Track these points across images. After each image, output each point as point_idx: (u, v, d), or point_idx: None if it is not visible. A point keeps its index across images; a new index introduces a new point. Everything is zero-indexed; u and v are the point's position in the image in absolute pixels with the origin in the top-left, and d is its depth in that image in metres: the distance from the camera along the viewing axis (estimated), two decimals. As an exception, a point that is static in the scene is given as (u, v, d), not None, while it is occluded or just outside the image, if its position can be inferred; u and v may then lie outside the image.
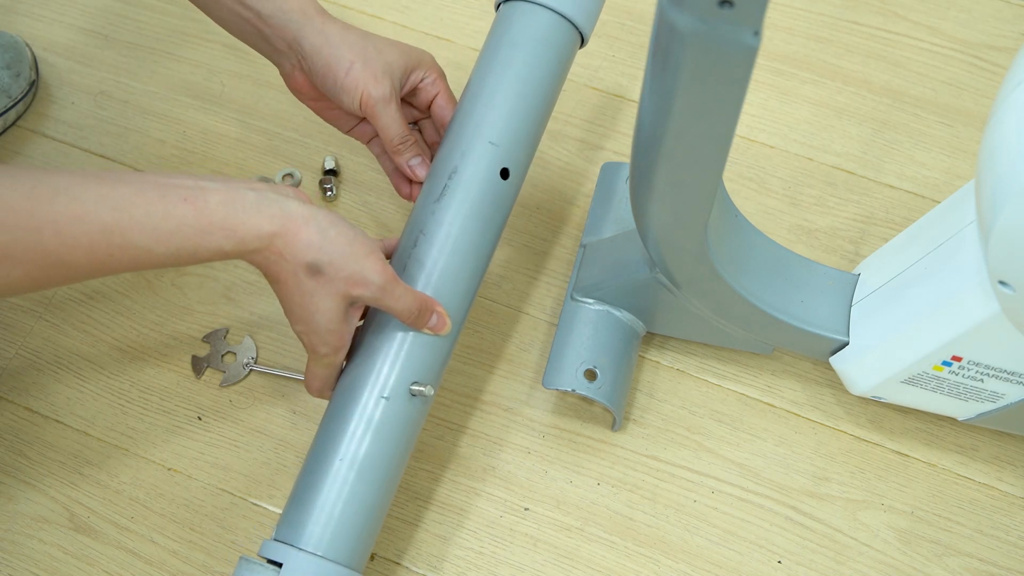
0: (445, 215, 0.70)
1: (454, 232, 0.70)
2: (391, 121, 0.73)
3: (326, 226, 0.63)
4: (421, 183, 0.75)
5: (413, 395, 0.68)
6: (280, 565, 0.64)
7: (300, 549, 0.64)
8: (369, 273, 0.64)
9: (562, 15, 0.74)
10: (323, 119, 0.78)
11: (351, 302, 0.65)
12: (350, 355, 0.70)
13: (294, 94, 0.76)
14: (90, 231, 0.58)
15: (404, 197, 0.78)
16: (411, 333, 0.69)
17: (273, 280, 0.65)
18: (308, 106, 0.77)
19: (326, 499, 0.65)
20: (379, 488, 0.67)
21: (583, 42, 0.78)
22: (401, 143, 0.74)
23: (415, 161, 0.75)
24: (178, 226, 0.60)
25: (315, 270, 0.63)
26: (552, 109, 0.76)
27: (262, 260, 0.63)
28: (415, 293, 0.67)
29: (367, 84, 0.71)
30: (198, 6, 0.75)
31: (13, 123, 0.94)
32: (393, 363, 0.68)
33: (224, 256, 0.63)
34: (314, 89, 0.74)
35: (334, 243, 0.63)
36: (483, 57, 0.75)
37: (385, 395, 0.67)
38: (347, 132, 0.79)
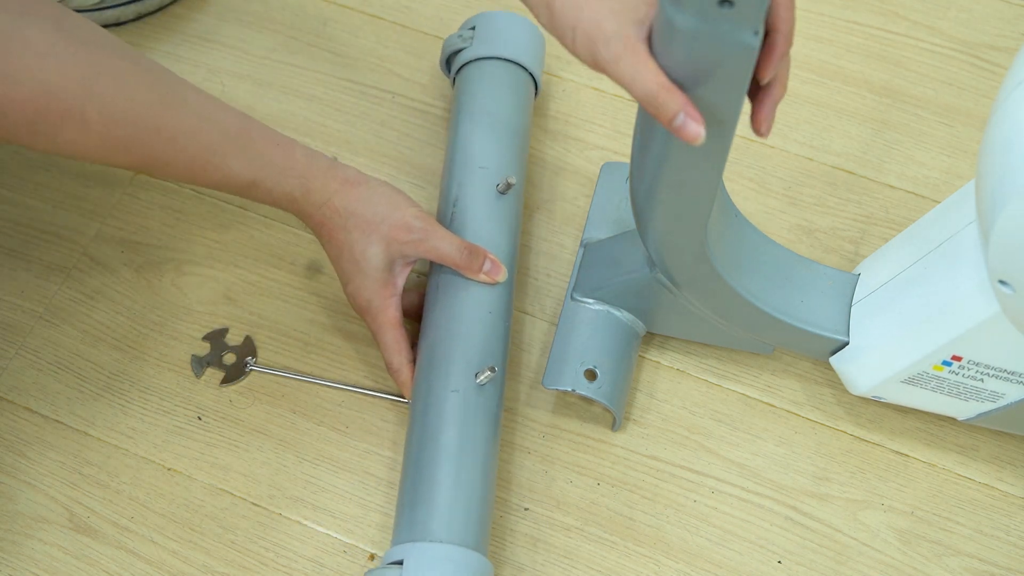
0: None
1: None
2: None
3: (375, 185, 0.75)
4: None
5: (481, 384, 0.72)
6: (401, 563, 0.66)
7: (420, 541, 0.67)
8: (410, 219, 0.74)
9: (509, 60, 0.85)
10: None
11: (399, 252, 0.74)
12: (420, 354, 0.76)
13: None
14: (198, 145, 0.68)
15: None
16: (464, 319, 0.74)
17: (327, 240, 0.75)
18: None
19: (425, 494, 0.69)
20: (474, 474, 0.70)
21: (536, 88, 0.88)
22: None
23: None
24: (268, 162, 0.71)
25: (362, 222, 0.73)
26: (525, 137, 0.85)
27: (320, 216, 0.74)
28: (462, 239, 0.75)
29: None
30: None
31: (13, 123, 0.94)
32: (456, 354, 0.73)
33: (291, 203, 0.73)
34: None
35: (380, 196, 0.74)
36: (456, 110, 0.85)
37: (454, 388, 0.72)
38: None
